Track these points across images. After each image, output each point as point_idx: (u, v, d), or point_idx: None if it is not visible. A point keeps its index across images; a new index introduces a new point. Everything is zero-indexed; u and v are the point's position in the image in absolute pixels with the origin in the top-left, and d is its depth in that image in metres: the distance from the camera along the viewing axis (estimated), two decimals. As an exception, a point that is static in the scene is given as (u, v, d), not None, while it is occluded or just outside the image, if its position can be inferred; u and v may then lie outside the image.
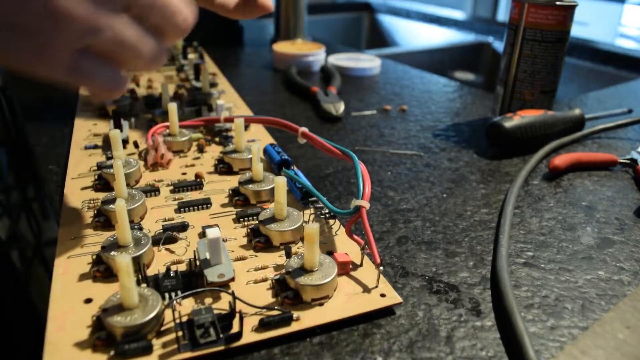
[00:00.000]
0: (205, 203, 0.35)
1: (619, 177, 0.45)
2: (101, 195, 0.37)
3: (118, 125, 0.46)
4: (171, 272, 0.28)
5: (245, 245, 0.31)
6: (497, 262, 0.31)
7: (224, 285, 0.27)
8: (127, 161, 0.39)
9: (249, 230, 0.32)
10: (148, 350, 0.23)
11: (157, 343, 0.24)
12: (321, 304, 0.27)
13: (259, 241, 0.31)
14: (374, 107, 0.61)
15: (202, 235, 0.32)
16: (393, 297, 0.27)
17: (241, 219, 0.34)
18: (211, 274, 0.27)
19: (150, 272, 0.29)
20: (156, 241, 0.31)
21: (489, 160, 0.48)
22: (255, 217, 0.34)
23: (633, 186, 0.43)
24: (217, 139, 0.47)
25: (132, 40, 0.25)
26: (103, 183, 0.38)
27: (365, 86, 0.70)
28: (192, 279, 0.28)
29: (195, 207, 0.35)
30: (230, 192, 0.37)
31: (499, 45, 1.20)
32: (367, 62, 0.77)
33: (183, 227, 0.33)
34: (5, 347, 0.24)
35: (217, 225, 0.33)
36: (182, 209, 0.35)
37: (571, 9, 0.50)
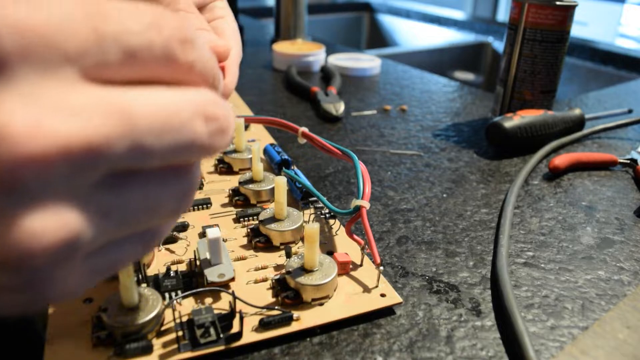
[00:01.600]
0: (205, 203, 0.35)
1: (619, 177, 0.45)
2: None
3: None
4: (171, 272, 0.28)
5: (245, 245, 0.31)
6: (497, 262, 0.31)
7: (224, 285, 0.27)
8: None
9: (249, 230, 0.32)
10: (148, 350, 0.23)
11: (157, 343, 0.24)
12: (321, 304, 0.27)
13: (259, 241, 0.31)
14: (374, 107, 0.61)
15: (202, 235, 0.32)
16: (393, 297, 0.27)
17: (241, 219, 0.34)
18: (211, 274, 0.27)
19: (150, 272, 0.29)
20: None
21: (489, 160, 0.48)
22: (255, 217, 0.34)
23: (633, 186, 0.43)
24: (217, 139, 0.47)
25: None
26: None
27: (365, 86, 0.70)
28: (192, 279, 0.28)
29: (195, 207, 0.35)
30: (230, 192, 0.37)
31: (499, 45, 1.20)
32: (367, 62, 0.77)
33: (183, 227, 0.33)
34: (6, 348, 0.24)
35: (217, 225, 0.33)
36: (182, 209, 0.35)
37: (571, 9, 0.50)
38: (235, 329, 0.24)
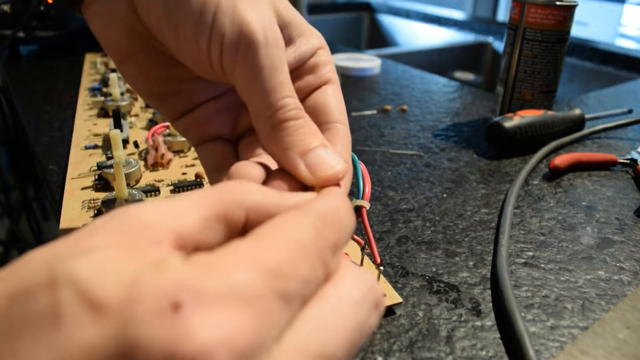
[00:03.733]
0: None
1: (619, 177, 0.45)
2: (101, 195, 0.36)
3: (118, 125, 0.46)
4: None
5: (245, 245, 0.31)
6: (497, 262, 0.31)
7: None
8: (127, 161, 0.39)
9: (249, 230, 0.32)
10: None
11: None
12: (321, 304, 0.27)
13: (259, 241, 0.31)
14: (374, 107, 0.61)
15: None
16: (393, 297, 0.27)
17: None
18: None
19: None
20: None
21: (489, 160, 0.48)
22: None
23: (633, 186, 0.43)
24: (217, 139, 0.47)
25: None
26: (103, 183, 0.38)
27: (365, 86, 0.70)
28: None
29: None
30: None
31: (499, 45, 1.20)
32: (367, 62, 0.77)
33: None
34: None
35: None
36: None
37: (571, 9, 0.50)
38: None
